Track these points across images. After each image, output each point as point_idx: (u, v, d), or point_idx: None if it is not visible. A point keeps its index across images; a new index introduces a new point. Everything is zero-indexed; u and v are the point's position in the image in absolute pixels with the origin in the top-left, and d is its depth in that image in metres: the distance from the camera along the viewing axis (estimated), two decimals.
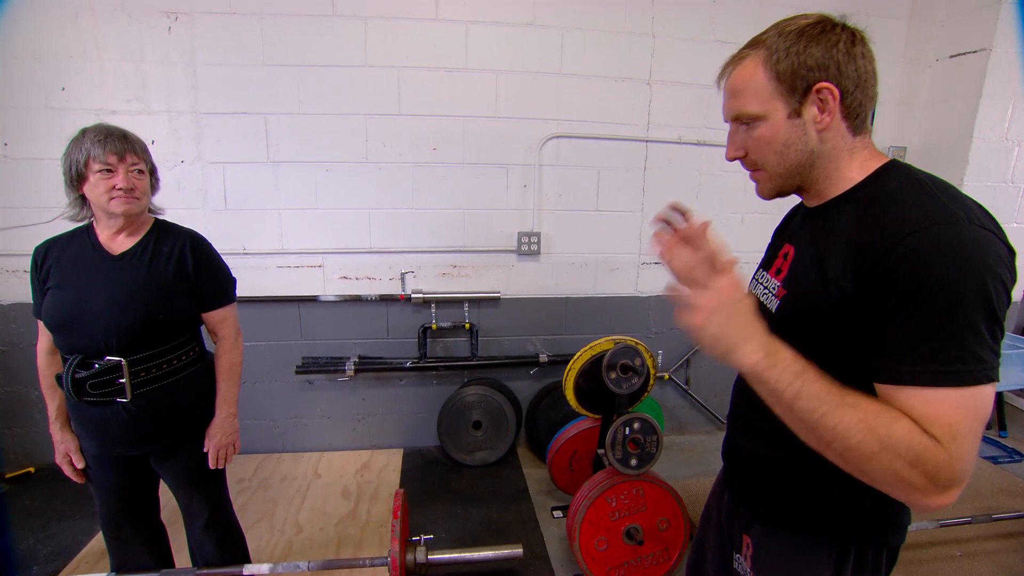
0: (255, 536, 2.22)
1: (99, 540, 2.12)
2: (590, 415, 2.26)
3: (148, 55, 2.42)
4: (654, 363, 2.11)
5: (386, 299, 2.79)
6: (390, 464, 2.85)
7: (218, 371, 1.60)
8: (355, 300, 2.77)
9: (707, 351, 0.74)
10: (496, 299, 2.88)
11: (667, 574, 1.99)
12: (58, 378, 1.43)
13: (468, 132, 2.68)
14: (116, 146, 1.36)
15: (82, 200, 1.41)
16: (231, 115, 2.52)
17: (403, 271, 2.78)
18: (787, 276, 0.88)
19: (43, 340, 1.50)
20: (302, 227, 2.68)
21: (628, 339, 2.08)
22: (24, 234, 2.47)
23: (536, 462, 2.88)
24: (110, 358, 1.39)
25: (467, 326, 2.85)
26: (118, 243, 1.44)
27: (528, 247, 2.82)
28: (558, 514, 2.43)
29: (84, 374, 1.38)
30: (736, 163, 0.89)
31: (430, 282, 2.83)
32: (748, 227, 2.99)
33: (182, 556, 1.79)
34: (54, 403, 1.50)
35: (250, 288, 2.61)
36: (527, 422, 2.96)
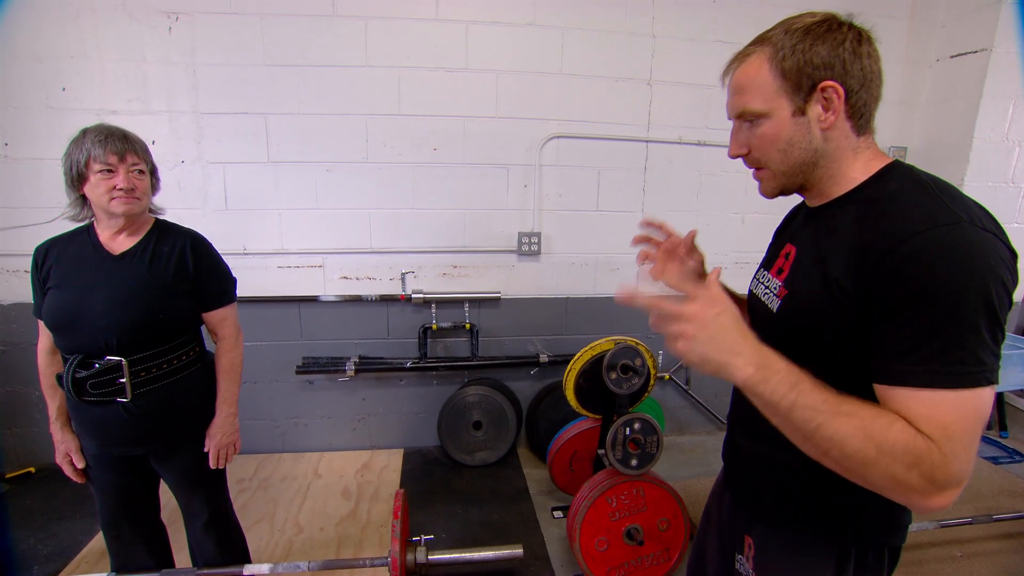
0: (255, 536, 2.22)
1: (99, 540, 2.12)
2: (590, 415, 2.26)
3: (148, 55, 2.42)
4: (654, 363, 2.11)
5: (386, 299, 2.78)
6: (390, 464, 2.85)
7: (218, 371, 1.60)
8: (355, 300, 2.77)
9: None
10: (496, 299, 2.87)
11: (667, 574, 1.99)
12: (58, 378, 1.43)
13: (468, 132, 2.68)
14: (117, 146, 1.36)
15: (83, 200, 1.41)
16: (231, 115, 2.52)
17: (403, 271, 2.78)
18: (789, 276, 0.88)
19: (43, 340, 1.50)
20: (302, 227, 2.68)
21: (628, 339, 2.08)
22: (24, 234, 2.47)
23: (536, 462, 2.88)
24: (110, 358, 1.39)
25: (467, 326, 2.85)
26: (119, 243, 1.44)
27: (528, 247, 2.82)
28: (558, 514, 2.43)
29: (84, 374, 1.38)
30: (736, 163, 0.89)
31: (430, 282, 2.83)
32: (749, 227, 2.99)
33: (182, 556, 1.79)
34: (54, 403, 1.50)
35: (250, 288, 2.61)
36: (527, 422, 2.96)
